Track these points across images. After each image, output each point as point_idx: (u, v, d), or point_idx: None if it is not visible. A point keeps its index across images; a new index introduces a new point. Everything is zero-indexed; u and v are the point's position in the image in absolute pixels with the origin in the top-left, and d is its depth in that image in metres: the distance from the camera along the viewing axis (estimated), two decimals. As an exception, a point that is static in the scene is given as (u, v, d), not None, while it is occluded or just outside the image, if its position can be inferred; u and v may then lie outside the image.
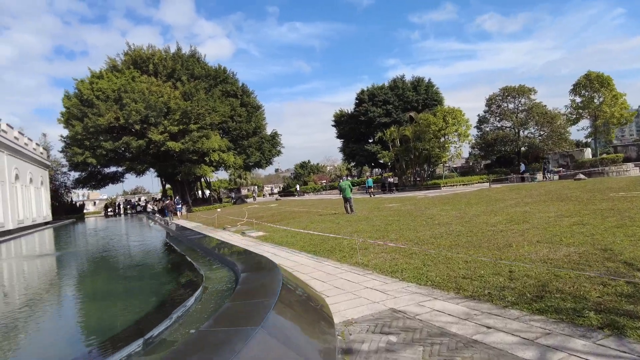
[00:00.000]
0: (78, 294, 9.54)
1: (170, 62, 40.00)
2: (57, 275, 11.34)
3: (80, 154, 34.50)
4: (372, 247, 9.83)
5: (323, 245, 10.62)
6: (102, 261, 13.67)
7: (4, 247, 16.85)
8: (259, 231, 16.01)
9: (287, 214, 23.22)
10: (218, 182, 78.53)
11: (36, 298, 8.95)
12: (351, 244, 10.37)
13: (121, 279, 10.51)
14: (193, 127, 34.74)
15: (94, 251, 15.70)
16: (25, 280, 11.25)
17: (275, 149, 48.07)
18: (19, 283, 11.13)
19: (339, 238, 11.71)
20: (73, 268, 13.02)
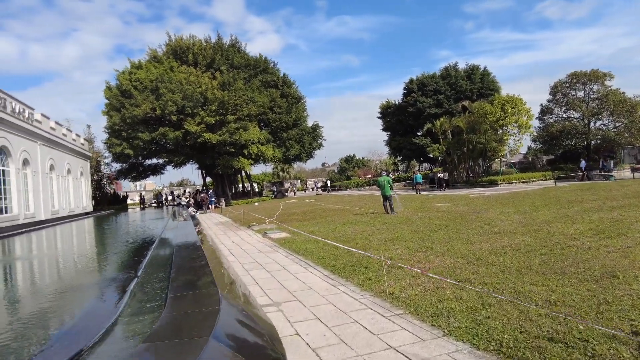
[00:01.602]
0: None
1: (210, 51, 38.97)
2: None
3: (118, 145, 34.32)
4: (409, 263, 7.41)
5: (347, 258, 8.31)
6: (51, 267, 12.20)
7: (21, 240, 16.02)
8: (282, 232, 13.96)
9: (321, 211, 21.06)
10: (262, 176, 77.91)
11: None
12: (382, 257, 8.01)
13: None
14: (230, 118, 33.42)
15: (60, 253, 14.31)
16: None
17: (316, 142, 45.96)
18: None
19: (370, 247, 9.34)
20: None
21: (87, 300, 7.34)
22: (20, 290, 8.94)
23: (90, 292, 8.07)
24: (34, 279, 10.36)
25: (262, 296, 6.17)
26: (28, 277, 10.54)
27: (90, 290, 8.25)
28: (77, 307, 6.82)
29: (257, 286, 6.80)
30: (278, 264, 8.60)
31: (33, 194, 22.40)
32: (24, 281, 10.13)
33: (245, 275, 7.76)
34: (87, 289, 8.43)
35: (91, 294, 7.97)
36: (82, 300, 7.37)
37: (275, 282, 7.03)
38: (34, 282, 9.84)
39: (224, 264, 8.58)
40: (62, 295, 7.98)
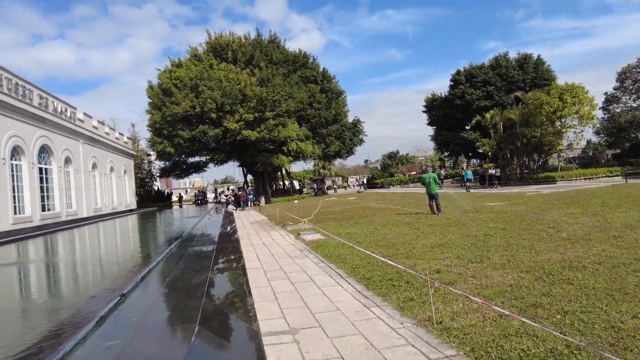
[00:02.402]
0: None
1: (249, 48, 38.60)
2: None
3: (159, 143, 34.67)
4: (462, 278, 6.08)
5: (385, 269, 7.06)
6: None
7: (64, 235, 16.01)
8: (317, 233, 12.87)
9: (360, 210, 19.79)
10: (303, 173, 77.49)
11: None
12: (426, 270, 6.71)
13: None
14: (269, 114, 32.79)
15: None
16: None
17: (357, 138, 44.47)
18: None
19: (413, 255, 8.05)
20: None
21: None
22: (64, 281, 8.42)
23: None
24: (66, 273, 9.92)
25: (277, 318, 5.08)
26: (66, 271, 10.12)
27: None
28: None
29: (276, 303, 5.72)
30: (305, 273, 7.50)
31: (75, 192, 22.76)
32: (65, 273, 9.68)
33: (266, 287, 6.71)
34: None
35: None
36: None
37: (298, 298, 5.93)
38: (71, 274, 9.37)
39: (237, 278, 7.59)
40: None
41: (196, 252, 8.73)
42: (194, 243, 10.30)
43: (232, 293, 6.07)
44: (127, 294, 4.70)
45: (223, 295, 6.29)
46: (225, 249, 10.38)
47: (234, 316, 5.30)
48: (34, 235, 16.16)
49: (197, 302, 5.78)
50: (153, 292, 6.18)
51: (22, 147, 17.71)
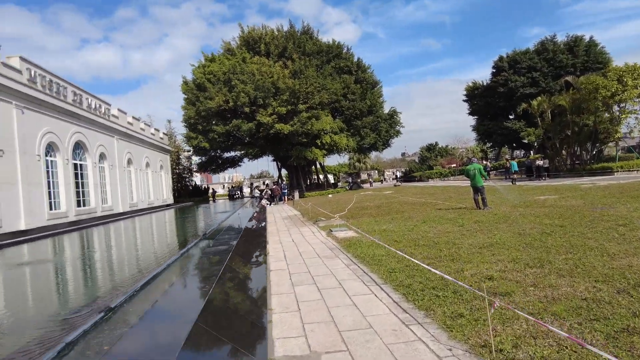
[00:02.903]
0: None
1: (281, 40, 37.97)
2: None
3: (194, 138, 34.78)
4: (519, 290, 5.04)
5: (427, 274, 6.07)
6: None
7: (98, 231, 15.99)
8: (350, 230, 11.99)
9: (397, 205, 18.69)
10: (338, 167, 76.51)
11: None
12: (476, 276, 5.71)
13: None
14: (301, 107, 32.06)
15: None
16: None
17: (394, 129, 42.94)
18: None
19: (459, 257, 7.02)
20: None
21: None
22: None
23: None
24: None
25: (297, 337, 4.25)
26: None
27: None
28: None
29: (297, 316, 4.90)
30: (334, 277, 6.64)
31: (110, 187, 22.99)
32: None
33: (288, 293, 5.91)
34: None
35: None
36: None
37: (324, 309, 5.07)
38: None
39: (258, 281, 6.82)
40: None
41: (219, 250, 8.06)
42: (218, 239, 9.68)
43: (248, 300, 5.32)
44: (116, 308, 4.03)
45: (237, 303, 5.54)
46: (252, 247, 9.69)
47: (243, 332, 4.51)
48: (68, 230, 16.23)
49: (201, 313, 5.03)
50: (151, 297, 5.42)
51: (57, 143, 17.87)
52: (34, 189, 15.73)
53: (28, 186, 15.33)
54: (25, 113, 15.58)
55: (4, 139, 14.45)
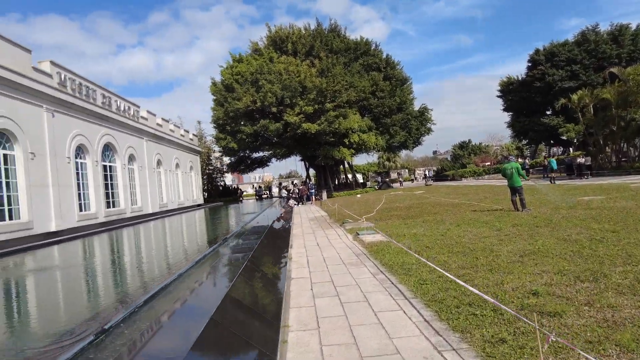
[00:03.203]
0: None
1: (308, 39, 37.58)
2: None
3: (223, 139, 34.93)
4: (571, 310, 4.37)
5: (462, 287, 5.45)
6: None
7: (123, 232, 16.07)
8: (378, 233, 11.40)
9: (428, 206, 17.89)
10: (367, 166, 75.55)
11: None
12: (518, 291, 5.08)
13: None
14: (329, 106, 31.56)
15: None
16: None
17: (424, 127, 41.73)
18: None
19: (498, 267, 6.36)
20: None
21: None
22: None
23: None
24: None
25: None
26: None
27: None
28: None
29: (316, 336, 4.40)
30: (359, 288, 6.11)
31: (140, 188, 23.24)
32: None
33: (308, 307, 5.43)
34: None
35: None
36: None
37: (346, 328, 4.56)
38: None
39: (276, 291, 6.36)
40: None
41: (237, 255, 7.66)
42: (239, 244, 9.31)
43: (263, 314, 4.87)
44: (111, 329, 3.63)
45: (250, 319, 5.10)
46: (274, 251, 9.29)
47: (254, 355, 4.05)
48: (98, 231, 16.39)
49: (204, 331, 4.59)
50: (152, 314, 4.94)
51: (87, 145, 18.12)
52: (64, 190, 15.97)
53: (58, 188, 15.57)
54: (55, 116, 15.84)
55: (35, 142, 14.69)
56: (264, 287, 6.06)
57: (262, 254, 8.35)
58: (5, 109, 13.32)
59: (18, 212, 13.62)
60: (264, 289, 5.90)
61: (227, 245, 8.63)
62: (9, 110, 13.55)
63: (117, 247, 13.37)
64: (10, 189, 13.48)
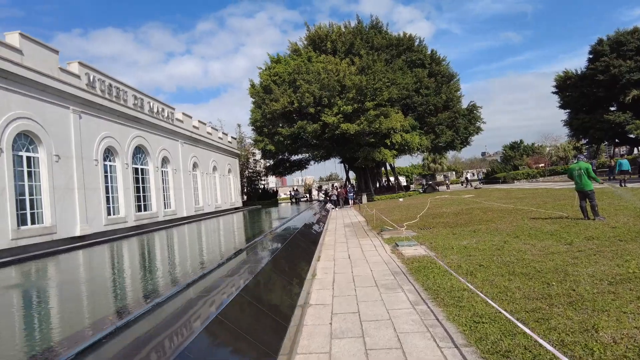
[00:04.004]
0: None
1: (348, 37, 36.16)
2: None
3: (260, 141, 34.28)
4: None
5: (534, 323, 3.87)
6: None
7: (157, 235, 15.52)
8: (420, 244, 9.85)
9: (479, 212, 15.96)
10: (411, 168, 72.93)
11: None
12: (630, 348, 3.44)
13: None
14: (369, 104, 29.97)
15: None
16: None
17: (473, 126, 38.97)
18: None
19: (583, 300, 4.72)
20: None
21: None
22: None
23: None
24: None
25: None
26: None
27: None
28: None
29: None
30: (392, 325, 4.67)
31: (174, 192, 22.79)
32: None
33: (321, 353, 4.06)
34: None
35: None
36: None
37: (367, 399, 3.15)
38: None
39: (284, 325, 5.03)
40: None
41: (254, 266, 6.45)
42: (259, 253, 8.08)
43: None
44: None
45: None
46: (296, 263, 7.97)
47: None
48: (127, 236, 15.87)
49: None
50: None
51: (116, 148, 17.74)
52: (90, 194, 15.55)
53: (85, 191, 15.17)
54: (82, 118, 15.49)
55: (61, 145, 14.33)
56: (272, 317, 4.74)
57: (283, 267, 7.07)
58: (29, 110, 13.00)
59: (41, 216, 13.26)
60: (266, 318, 4.59)
61: (239, 257, 7.43)
62: (34, 112, 13.22)
63: (139, 252, 12.66)
64: (33, 192, 13.14)
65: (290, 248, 8.38)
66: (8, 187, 11.84)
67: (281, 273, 6.48)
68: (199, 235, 15.41)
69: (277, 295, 5.88)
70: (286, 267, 7.08)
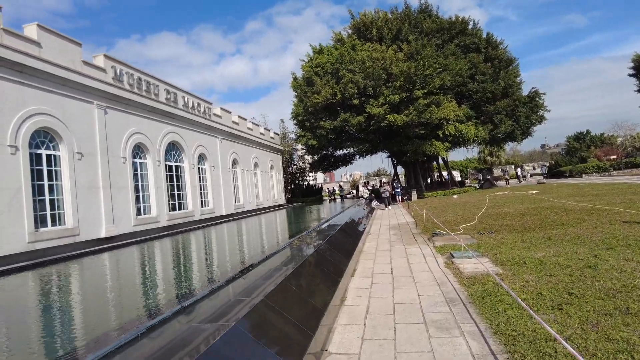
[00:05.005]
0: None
1: (395, 22, 33.77)
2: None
3: (302, 136, 32.91)
4: None
5: None
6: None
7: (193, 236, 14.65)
8: (483, 256, 7.93)
9: (551, 212, 13.50)
10: (465, 162, 68.69)
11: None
12: None
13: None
14: (418, 93, 27.58)
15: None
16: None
17: (536, 115, 35.09)
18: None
19: None
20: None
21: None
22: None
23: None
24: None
25: None
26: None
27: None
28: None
29: None
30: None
31: (212, 189, 21.91)
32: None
33: None
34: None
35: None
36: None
37: None
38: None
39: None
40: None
41: (267, 282, 4.95)
42: (279, 265, 6.54)
43: None
44: None
45: None
46: (319, 285, 6.27)
47: None
48: (159, 236, 15.06)
49: None
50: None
51: (147, 144, 16.96)
52: (117, 193, 14.81)
53: (111, 190, 14.45)
54: (108, 113, 14.77)
55: (84, 141, 13.64)
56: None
57: (305, 287, 5.48)
58: (48, 106, 12.34)
59: (62, 217, 12.61)
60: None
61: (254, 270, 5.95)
62: (53, 107, 12.56)
63: (168, 253, 11.70)
64: (54, 192, 12.49)
65: (316, 262, 6.74)
66: (24, 186, 11.18)
67: (293, 302, 4.85)
68: (225, 237, 14.23)
69: (282, 334, 4.24)
70: (305, 289, 5.45)
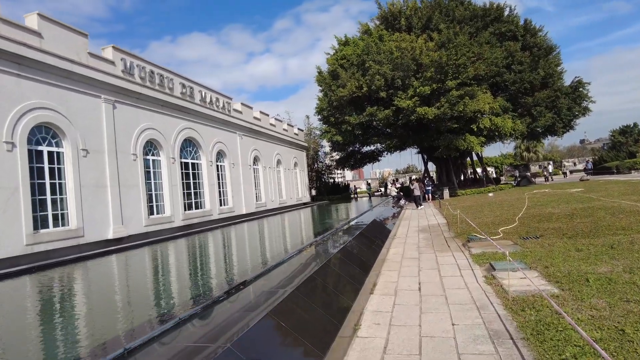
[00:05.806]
0: None
1: (425, 11, 32.00)
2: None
3: (327, 132, 31.68)
4: None
5: None
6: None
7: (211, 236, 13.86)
8: (530, 268, 6.55)
9: (605, 214, 11.73)
10: (501, 158, 65.54)
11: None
12: None
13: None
14: (450, 84, 25.81)
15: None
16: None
17: (579, 107, 32.38)
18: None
19: None
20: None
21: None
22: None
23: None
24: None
25: None
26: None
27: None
28: None
29: None
30: None
31: (231, 187, 21.02)
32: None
33: None
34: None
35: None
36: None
37: None
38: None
39: None
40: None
41: (263, 300, 3.81)
42: (276, 282, 5.40)
43: None
44: None
45: None
46: (328, 307, 5.04)
47: None
48: (172, 237, 14.35)
49: None
50: None
51: (160, 141, 16.18)
52: (127, 192, 14.06)
53: (119, 189, 13.71)
54: (117, 108, 14.04)
55: (90, 138, 12.93)
56: None
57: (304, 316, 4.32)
58: (51, 100, 11.68)
59: (66, 218, 11.94)
60: None
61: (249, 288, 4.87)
62: (57, 101, 11.88)
63: (181, 255, 10.88)
64: (56, 191, 11.82)
65: (325, 278, 5.54)
66: (22, 185, 10.51)
67: (285, 340, 3.67)
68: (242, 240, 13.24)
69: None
70: (307, 315, 4.25)
